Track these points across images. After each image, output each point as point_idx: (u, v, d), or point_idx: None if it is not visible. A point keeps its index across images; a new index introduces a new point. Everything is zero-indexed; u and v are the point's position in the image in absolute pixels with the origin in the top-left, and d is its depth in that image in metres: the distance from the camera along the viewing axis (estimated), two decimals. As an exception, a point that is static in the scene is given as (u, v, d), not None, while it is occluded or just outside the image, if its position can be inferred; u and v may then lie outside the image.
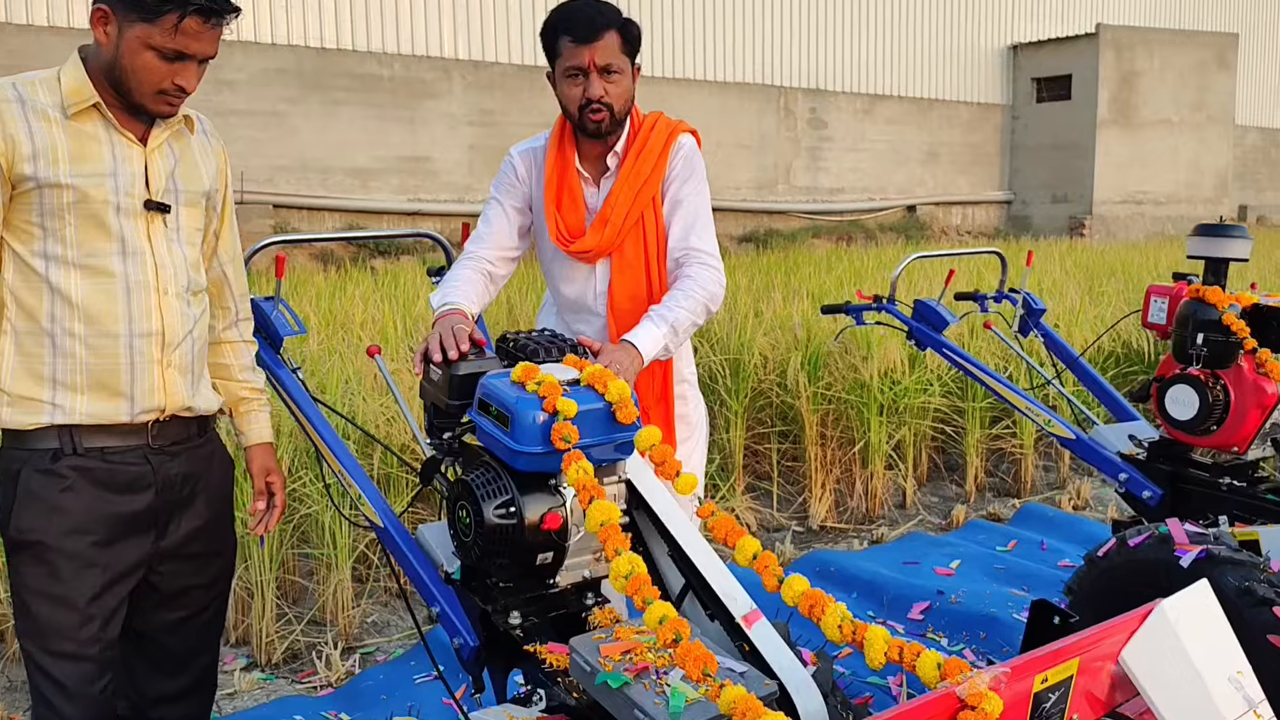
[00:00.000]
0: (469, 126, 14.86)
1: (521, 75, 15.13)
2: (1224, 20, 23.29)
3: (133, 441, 1.81)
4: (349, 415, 3.46)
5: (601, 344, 2.02)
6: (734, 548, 1.56)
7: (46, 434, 1.76)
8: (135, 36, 1.68)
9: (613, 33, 2.23)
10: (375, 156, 13.89)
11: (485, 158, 14.98)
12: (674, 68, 16.55)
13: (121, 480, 1.80)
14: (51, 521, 1.74)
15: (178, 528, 1.90)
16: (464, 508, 1.74)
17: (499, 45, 14.91)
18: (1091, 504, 5.03)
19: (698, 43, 16.75)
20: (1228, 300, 2.61)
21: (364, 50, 13.75)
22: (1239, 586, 2.35)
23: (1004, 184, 21.19)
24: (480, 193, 15.03)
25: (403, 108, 14.09)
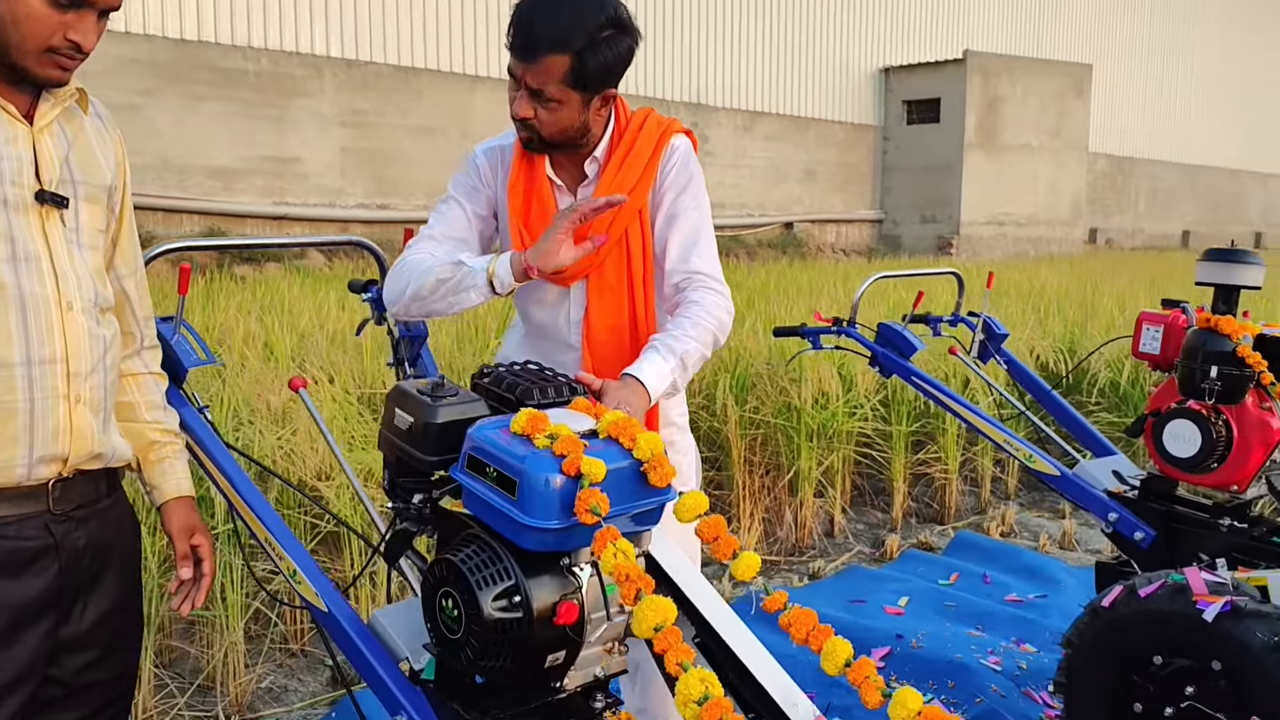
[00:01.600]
0: (341, 128, 14.14)
1: (398, 76, 14.52)
2: (1079, 51, 24.49)
3: (29, 508, 1.43)
4: (261, 461, 2.98)
5: (603, 381, 1.66)
6: (820, 651, 1.22)
7: None
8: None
9: (557, 58, 1.80)
10: (239, 156, 13.03)
11: (358, 160, 14.29)
12: (556, 76, 16.19)
13: (18, 559, 1.42)
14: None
15: (82, 612, 1.52)
16: (449, 596, 1.36)
17: (374, 44, 14.26)
18: (1017, 530, 4.93)
19: (580, 51, 16.45)
20: (1242, 330, 2.45)
21: (228, 44, 12.89)
22: (1268, 642, 2.16)
23: (876, 203, 21.67)
24: (353, 197, 14.33)
25: (270, 106, 13.28)
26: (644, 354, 1.79)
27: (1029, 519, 5.10)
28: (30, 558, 1.44)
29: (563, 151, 1.99)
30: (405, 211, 14.83)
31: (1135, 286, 9.71)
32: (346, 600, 1.60)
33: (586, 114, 1.91)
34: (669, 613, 1.20)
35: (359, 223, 14.25)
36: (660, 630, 1.19)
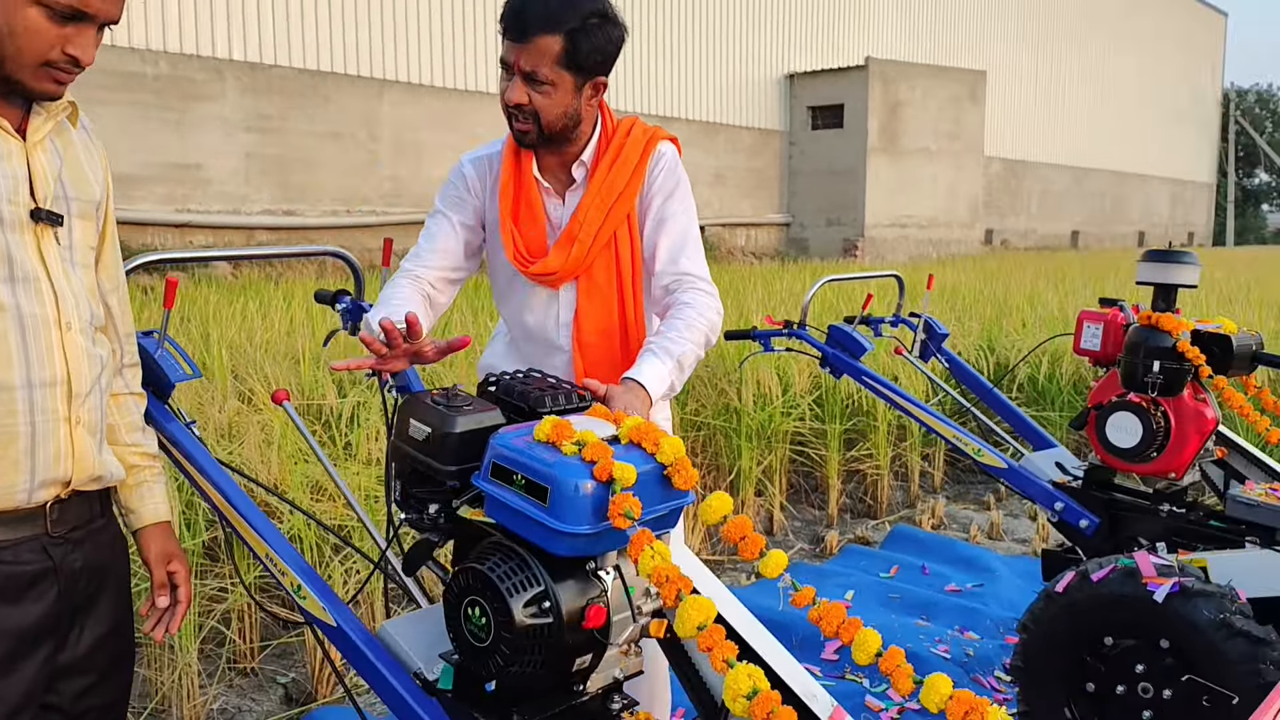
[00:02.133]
0: (245, 133, 13.77)
1: (304, 79, 14.22)
2: (974, 58, 25.37)
3: (26, 532, 1.40)
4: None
5: (607, 387, 1.67)
6: (850, 644, 1.27)
7: None
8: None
9: (549, 38, 1.84)
10: (138, 162, 12.57)
11: (263, 166, 13.95)
12: (466, 79, 16.09)
13: (16, 584, 1.39)
14: None
15: (79, 636, 1.48)
16: (476, 604, 1.36)
17: (279, 47, 13.93)
18: (946, 522, 5.09)
19: (490, 54, 16.37)
20: (1180, 327, 2.59)
21: (124, 46, 12.43)
22: (1215, 619, 2.29)
23: (783, 207, 22.07)
24: (258, 204, 13.97)
25: (170, 110, 12.86)
26: (641, 357, 1.82)
27: (957, 511, 5.27)
28: (29, 582, 1.40)
29: (553, 149, 2.00)
30: (313, 218, 14.53)
31: (1039, 284, 10.12)
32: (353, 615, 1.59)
33: (579, 101, 1.94)
34: (710, 611, 1.23)
35: (265, 229, 13.92)
36: (704, 629, 1.21)
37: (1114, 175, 32.52)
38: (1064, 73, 30.26)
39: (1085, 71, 31.15)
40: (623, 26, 1.94)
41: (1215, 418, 2.70)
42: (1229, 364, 2.66)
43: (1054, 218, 29.82)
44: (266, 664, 3.28)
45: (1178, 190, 37.25)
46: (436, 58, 15.76)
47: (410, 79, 15.50)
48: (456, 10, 15.91)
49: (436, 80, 15.78)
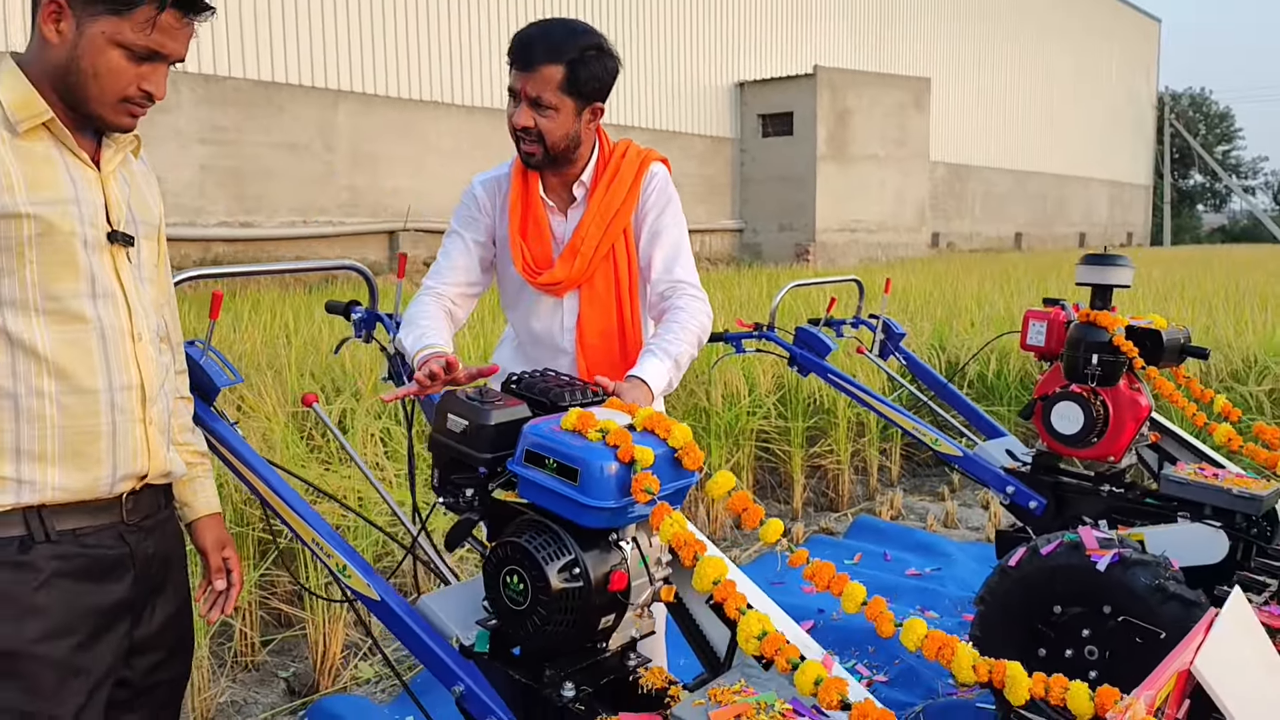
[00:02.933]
0: (201, 145, 13.75)
1: (258, 91, 14.22)
2: (919, 66, 25.95)
3: (105, 520, 1.54)
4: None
5: (615, 383, 1.88)
6: (840, 595, 1.48)
7: (9, 519, 1.45)
8: (100, 32, 1.44)
9: (552, 67, 2.07)
10: (91, 176, 12.50)
11: (219, 178, 13.93)
12: (421, 89, 16.19)
13: (100, 567, 1.53)
14: (25, 626, 1.44)
15: (152, 615, 1.64)
16: (514, 573, 1.56)
17: (233, 58, 13.93)
18: (904, 513, 5.36)
19: (445, 64, 16.49)
20: (1116, 323, 2.86)
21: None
22: (1150, 585, 2.55)
23: (736, 213, 22.40)
24: (214, 215, 13.95)
25: (123, 123, 12.80)
26: (643, 357, 2.02)
27: (914, 502, 5.55)
28: (110, 565, 1.55)
29: (556, 170, 2.21)
30: (269, 229, 14.53)
31: (986, 286, 10.48)
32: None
33: (579, 124, 2.15)
34: (724, 569, 1.45)
35: (221, 241, 13.90)
36: (719, 583, 1.43)
37: (1055, 178, 33.40)
38: (1005, 79, 31.05)
39: (1025, 77, 31.99)
40: (617, 59, 2.17)
41: (1149, 406, 2.97)
42: (1160, 356, 2.93)
43: (997, 220, 30.54)
44: (267, 659, 3.44)
45: (1116, 192, 38.31)
46: (391, 68, 15.84)
47: (365, 89, 15.56)
48: (411, 21, 16.01)
49: (391, 91, 15.86)
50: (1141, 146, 41.36)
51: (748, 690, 1.49)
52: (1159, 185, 46.77)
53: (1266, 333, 6.20)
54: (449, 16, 16.54)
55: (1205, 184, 57.96)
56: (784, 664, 1.34)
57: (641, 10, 19.82)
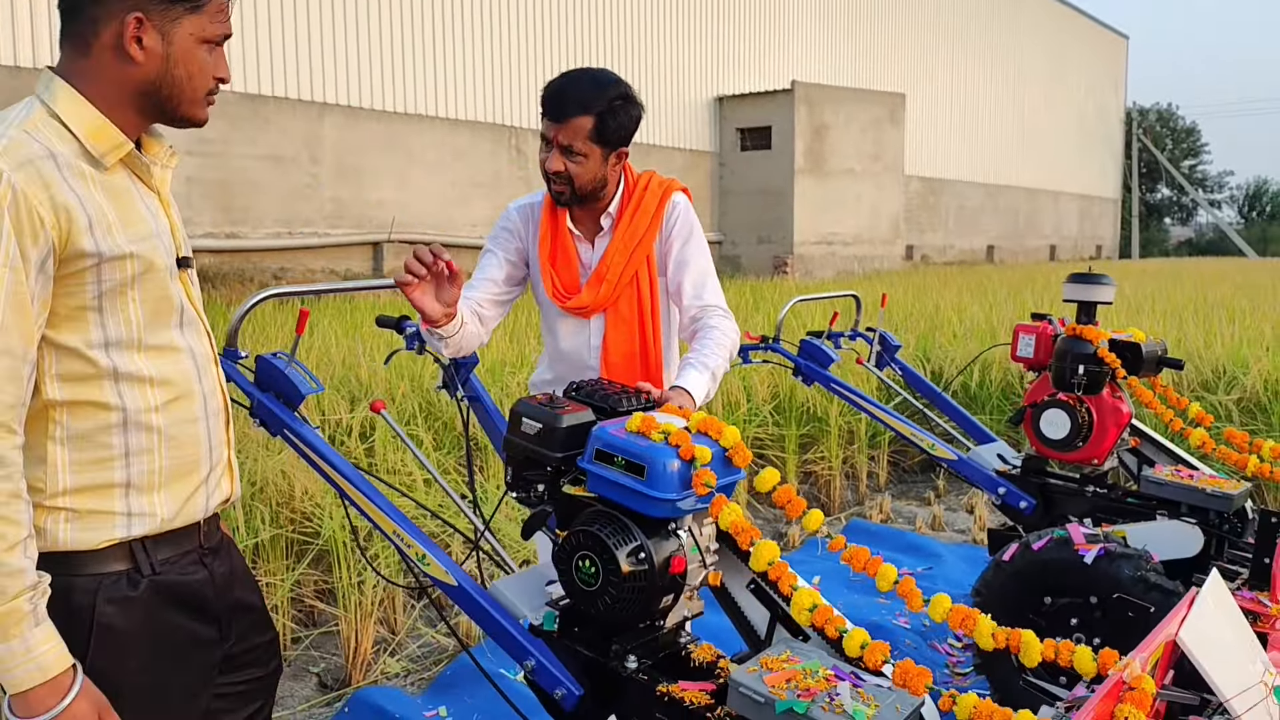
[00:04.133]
0: (187, 156, 13.84)
1: (244, 104, 14.35)
2: (894, 82, 26.41)
3: (188, 546, 1.54)
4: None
5: (661, 391, 2.09)
6: (876, 576, 1.70)
7: (114, 553, 1.44)
8: (187, 34, 1.43)
9: (583, 119, 2.26)
10: (79, 187, 12.57)
11: (205, 190, 14.04)
12: (406, 102, 16.35)
13: (189, 593, 1.54)
14: (134, 657, 1.45)
15: (235, 630, 1.65)
16: (587, 557, 1.76)
17: (220, 72, 14.02)
18: (893, 516, 5.60)
19: (431, 79, 16.67)
20: (1100, 336, 3.11)
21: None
22: (1133, 576, 2.79)
23: (715, 226, 22.68)
24: (200, 226, 14.03)
25: (111, 135, 12.89)
26: (683, 370, 2.23)
27: (902, 507, 5.78)
28: (196, 590, 1.55)
29: (584, 206, 2.42)
30: (255, 240, 14.64)
31: (964, 298, 10.79)
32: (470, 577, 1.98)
33: (605, 168, 2.36)
34: (776, 552, 1.66)
35: (208, 252, 13.99)
36: (773, 564, 1.64)
37: (1026, 192, 34.00)
38: (977, 94, 31.62)
39: (997, 93, 32.59)
40: (641, 106, 2.38)
41: (1129, 412, 3.22)
42: (1140, 367, 3.19)
43: (970, 233, 31.06)
44: (298, 655, 3.61)
45: (1086, 205, 39.02)
46: (376, 81, 16.00)
47: (350, 102, 15.72)
48: (396, 35, 16.18)
49: (376, 104, 16.02)
50: (1110, 161, 42.15)
51: (794, 659, 1.70)
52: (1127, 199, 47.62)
53: (1234, 345, 6.51)
54: (434, 31, 16.73)
55: (1172, 197, 59.05)
56: (833, 631, 1.56)
57: (623, 26, 20.11)
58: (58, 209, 1.33)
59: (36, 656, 1.31)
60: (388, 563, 3.58)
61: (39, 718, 1.32)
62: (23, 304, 1.31)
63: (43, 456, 1.39)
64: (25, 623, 1.31)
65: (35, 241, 1.31)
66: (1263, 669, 1.88)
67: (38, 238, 1.31)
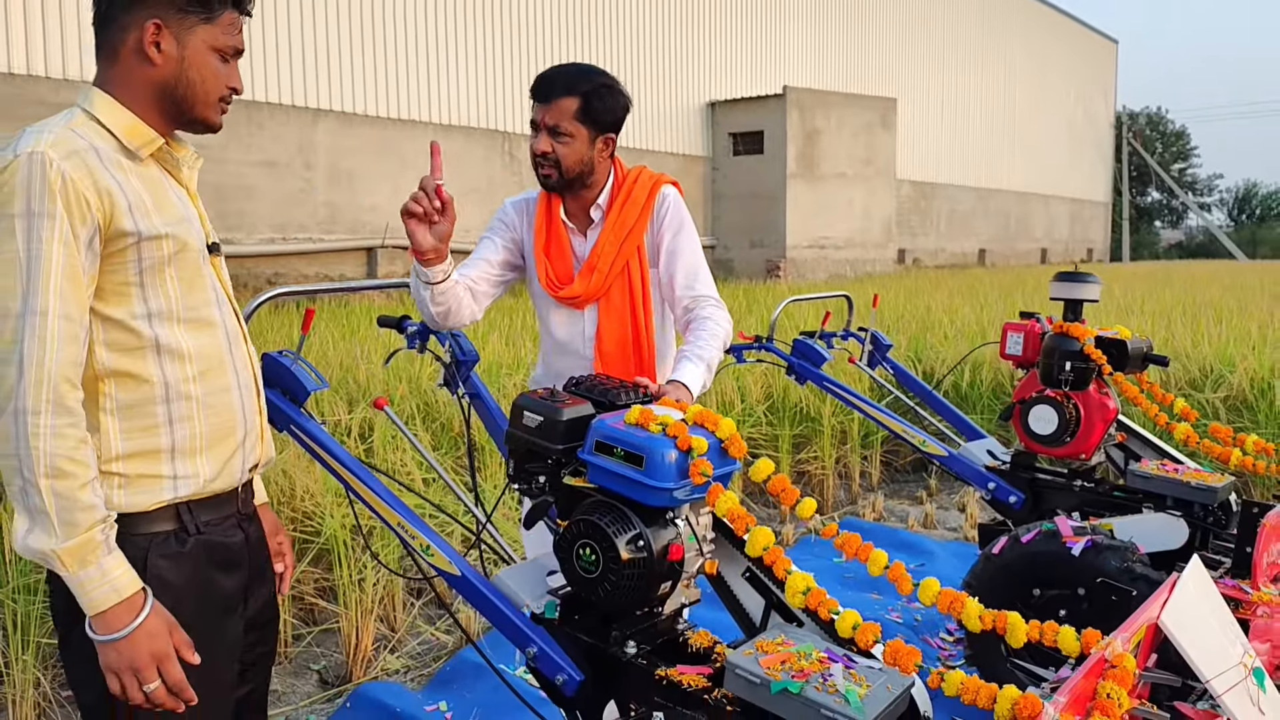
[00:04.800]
0: (182, 163, 13.87)
1: (238, 110, 14.37)
2: (885, 87, 26.54)
3: (229, 510, 1.71)
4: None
5: (659, 384, 2.15)
6: (867, 562, 1.76)
7: (164, 514, 1.61)
8: (200, 41, 1.60)
9: (569, 99, 2.36)
10: (73, 193, 12.61)
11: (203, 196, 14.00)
12: (399, 108, 16.41)
13: (229, 555, 1.71)
14: (188, 613, 1.59)
15: (256, 596, 1.81)
16: (588, 545, 1.82)
17: (215, 79, 14.07)
18: (886, 515, 5.66)
19: (422, 84, 16.72)
20: (1086, 333, 3.17)
21: (59, 78, 12.50)
22: (1120, 567, 2.86)
23: (707, 230, 22.76)
24: (195, 234, 14.06)
25: (106, 141, 12.93)
26: (678, 363, 2.29)
27: (894, 506, 5.85)
28: (235, 552, 1.72)
29: (574, 194, 2.48)
30: (250, 245, 14.68)
31: (954, 300, 10.87)
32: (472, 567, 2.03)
33: (592, 152, 2.43)
34: (771, 538, 1.72)
35: (202, 259, 14.01)
36: (768, 549, 1.70)
37: (1017, 195, 34.16)
38: (968, 99, 31.78)
39: (988, 97, 32.76)
40: (628, 97, 2.47)
41: (1116, 408, 3.29)
42: (1126, 363, 3.25)
43: (962, 236, 31.20)
44: (298, 652, 3.66)
45: (1076, 209, 39.21)
46: (370, 87, 16.05)
47: (344, 108, 15.78)
48: (390, 41, 16.24)
49: (370, 109, 16.08)
50: (1100, 164, 42.37)
51: (788, 643, 1.76)
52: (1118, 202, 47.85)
53: (1221, 344, 6.59)
54: (427, 37, 16.79)
55: (1163, 201, 59.36)
56: (826, 614, 1.62)
57: (616, 32, 20.19)
58: (101, 193, 1.50)
59: (112, 580, 1.48)
60: (389, 559, 3.63)
61: (118, 633, 1.48)
62: (76, 276, 1.48)
63: (96, 426, 1.55)
64: (99, 550, 1.47)
65: (84, 222, 1.48)
66: (1242, 651, 1.94)
67: (86, 218, 1.49)
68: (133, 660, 1.48)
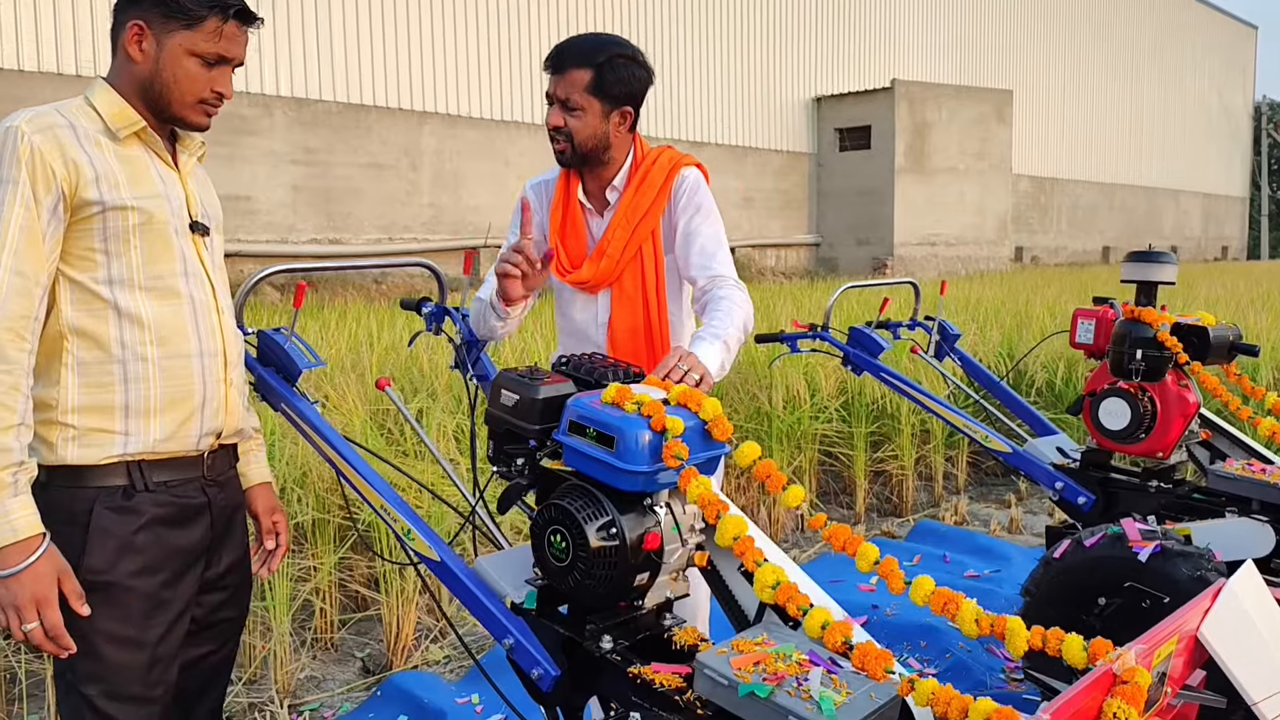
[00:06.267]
0: (292, 165, 14.36)
1: (347, 114, 14.80)
2: (1000, 78, 25.64)
3: (190, 473, 1.78)
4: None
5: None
6: (855, 556, 1.60)
7: (115, 469, 1.69)
8: (177, 45, 1.69)
9: (582, 70, 2.25)
10: (191, 195, 13.17)
11: (309, 198, 14.51)
12: (502, 110, 16.61)
13: (185, 514, 1.77)
14: (124, 561, 1.68)
15: (219, 560, 1.87)
16: (558, 532, 1.71)
17: (323, 82, 14.53)
18: (968, 519, 5.37)
19: (525, 85, 16.89)
20: (1161, 319, 2.90)
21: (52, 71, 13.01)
22: (1192, 576, 2.59)
23: (812, 228, 22.39)
24: (304, 233, 14.53)
25: (221, 145, 13.46)
26: (694, 343, 2.15)
27: (979, 509, 5.56)
28: (193, 513, 1.79)
29: (592, 172, 2.37)
30: (356, 245, 15.08)
31: (1064, 297, 10.36)
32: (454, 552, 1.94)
33: (607, 126, 2.30)
34: (743, 527, 1.58)
35: (311, 257, 14.46)
36: (738, 539, 1.56)
37: (1145, 190, 32.56)
38: (1092, 89, 30.43)
39: (1113, 87, 31.30)
40: (649, 70, 2.33)
41: (1196, 402, 3.00)
42: (1207, 353, 2.96)
43: (1084, 234, 29.90)
44: (345, 639, 3.65)
45: (1210, 204, 37.15)
46: (474, 90, 16.31)
47: (449, 110, 16.06)
48: (493, 45, 16.47)
49: (473, 111, 16.34)
50: (1237, 157, 40.04)
51: (769, 642, 1.61)
52: (1256, 197, 45.17)
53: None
54: (530, 40, 16.96)
55: (1307, 195, 55.74)
56: (794, 610, 1.47)
57: (719, 28, 20.03)
58: (68, 164, 1.62)
59: (12, 520, 1.55)
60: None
61: (7, 570, 1.55)
62: (34, 236, 1.59)
63: (57, 379, 1.66)
64: (5, 492, 1.54)
65: (48, 189, 1.60)
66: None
67: (50, 186, 1.60)
68: (15, 598, 1.55)
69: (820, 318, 7.96)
